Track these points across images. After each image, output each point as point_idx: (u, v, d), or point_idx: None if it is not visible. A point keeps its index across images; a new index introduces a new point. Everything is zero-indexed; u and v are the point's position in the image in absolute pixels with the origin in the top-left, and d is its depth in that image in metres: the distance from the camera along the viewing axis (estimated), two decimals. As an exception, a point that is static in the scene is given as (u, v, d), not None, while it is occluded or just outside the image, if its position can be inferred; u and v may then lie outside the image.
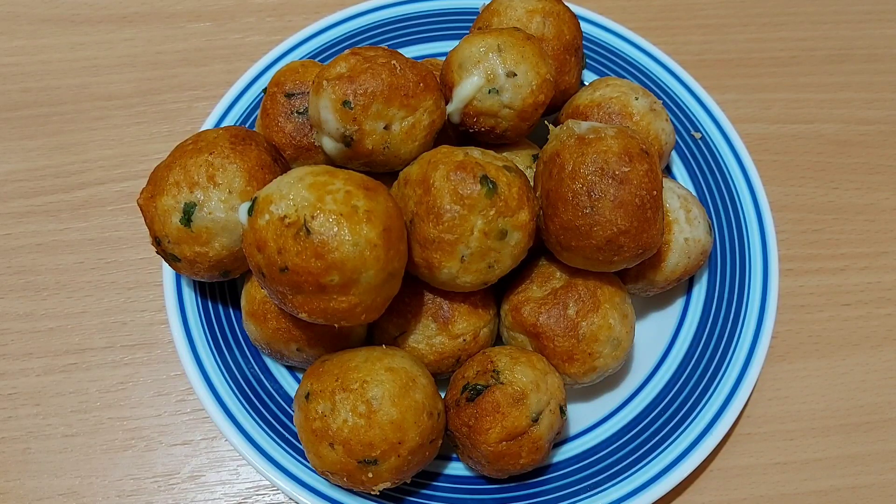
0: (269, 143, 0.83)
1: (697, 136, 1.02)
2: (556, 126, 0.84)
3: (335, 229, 0.66)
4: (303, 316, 0.71)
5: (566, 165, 0.76)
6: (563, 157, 0.77)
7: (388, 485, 0.73)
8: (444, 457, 0.84)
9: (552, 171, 0.78)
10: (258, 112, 0.91)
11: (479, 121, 0.83)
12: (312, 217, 0.66)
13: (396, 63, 0.78)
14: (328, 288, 0.67)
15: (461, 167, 0.74)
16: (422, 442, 0.73)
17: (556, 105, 0.95)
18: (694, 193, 0.98)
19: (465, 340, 0.82)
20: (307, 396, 0.74)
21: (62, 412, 0.91)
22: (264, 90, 0.91)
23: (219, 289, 0.91)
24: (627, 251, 0.76)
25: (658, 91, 1.05)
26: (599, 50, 1.09)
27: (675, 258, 0.86)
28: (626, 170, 0.75)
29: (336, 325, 0.72)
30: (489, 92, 0.81)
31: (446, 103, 0.83)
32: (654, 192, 0.76)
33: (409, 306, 0.82)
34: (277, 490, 0.88)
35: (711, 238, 0.90)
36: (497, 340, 0.87)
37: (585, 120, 0.87)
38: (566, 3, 0.94)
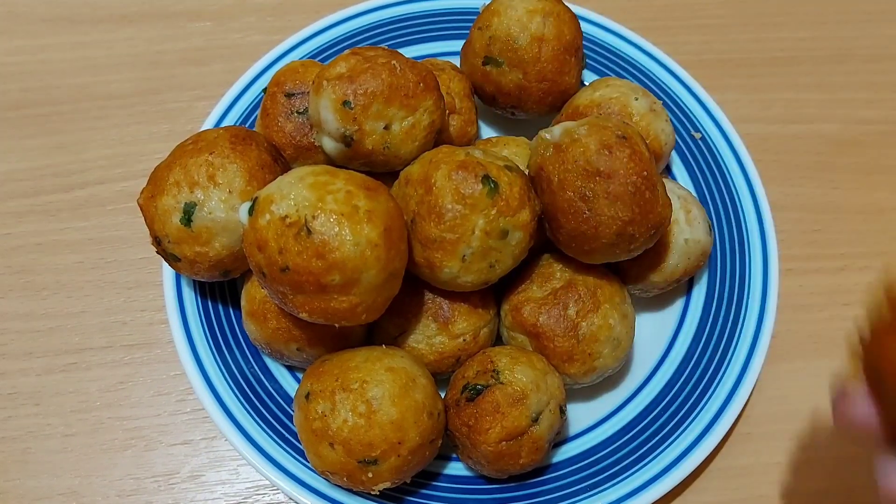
0: (269, 143, 0.83)
1: (697, 136, 1.02)
2: (555, 127, 0.84)
3: (336, 229, 0.66)
4: (303, 316, 0.71)
5: (552, 178, 0.77)
6: (547, 170, 0.77)
7: (388, 485, 0.73)
8: (444, 457, 0.84)
9: (543, 186, 0.78)
10: (258, 112, 0.91)
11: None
12: (313, 217, 0.66)
13: (396, 63, 0.78)
14: (329, 288, 0.67)
15: (463, 167, 0.74)
16: (422, 442, 0.73)
17: (556, 105, 0.95)
18: (694, 193, 0.98)
19: (465, 340, 0.82)
20: (307, 396, 0.74)
21: (62, 412, 0.91)
22: (264, 90, 0.91)
23: (219, 289, 0.91)
24: (640, 236, 0.76)
25: (658, 91, 1.05)
26: (599, 50, 1.09)
27: (675, 259, 0.86)
28: (609, 163, 0.75)
29: (336, 325, 0.72)
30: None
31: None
32: (645, 173, 0.75)
33: (409, 306, 0.82)
34: (277, 490, 0.87)
35: (711, 238, 0.90)
36: (497, 340, 0.87)
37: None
38: (566, 3, 0.94)
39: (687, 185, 1.00)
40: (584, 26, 1.05)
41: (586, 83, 0.98)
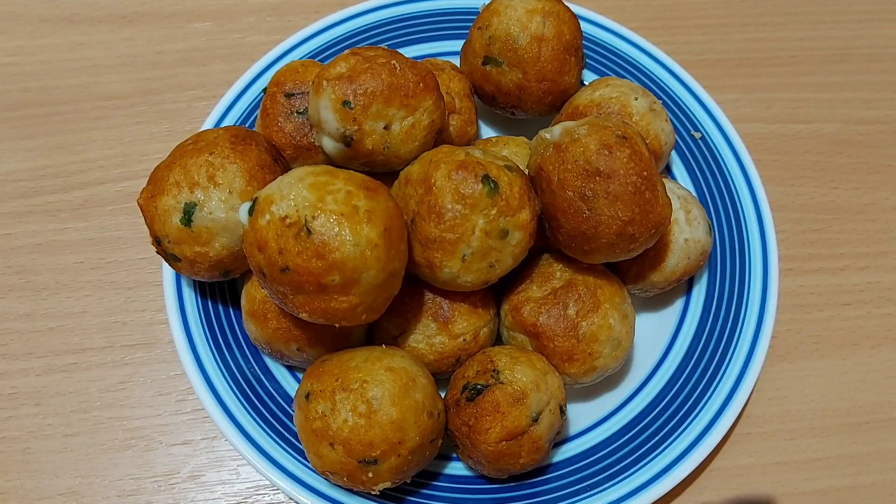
0: (269, 143, 0.83)
1: (697, 136, 1.02)
2: (555, 127, 0.84)
3: (336, 229, 0.66)
4: (303, 316, 0.71)
5: (552, 178, 0.77)
6: (547, 169, 0.77)
7: (388, 484, 0.73)
8: (444, 457, 0.84)
9: (542, 186, 0.78)
10: (258, 112, 0.91)
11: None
12: (313, 217, 0.66)
13: (396, 63, 0.78)
14: (329, 288, 0.67)
15: (463, 166, 0.74)
16: (422, 442, 0.73)
17: (556, 105, 0.95)
18: (694, 193, 0.98)
19: (465, 340, 0.82)
20: (307, 396, 0.74)
21: (62, 412, 0.91)
22: (264, 90, 0.91)
23: (219, 289, 0.91)
24: (640, 236, 0.76)
25: (658, 91, 1.05)
26: (599, 50, 1.09)
27: (675, 259, 0.86)
28: (609, 163, 0.75)
29: (336, 325, 0.72)
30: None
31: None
32: (645, 173, 0.76)
33: (409, 306, 0.82)
34: (277, 490, 0.88)
35: (711, 238, 0.90)
36: (497, 340, 0.87)
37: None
38: (566, 3, 0.94)
39: (687, 185, 1.00)
40: (584, 26, 1.06)
41: (586, 83, 0.99)
